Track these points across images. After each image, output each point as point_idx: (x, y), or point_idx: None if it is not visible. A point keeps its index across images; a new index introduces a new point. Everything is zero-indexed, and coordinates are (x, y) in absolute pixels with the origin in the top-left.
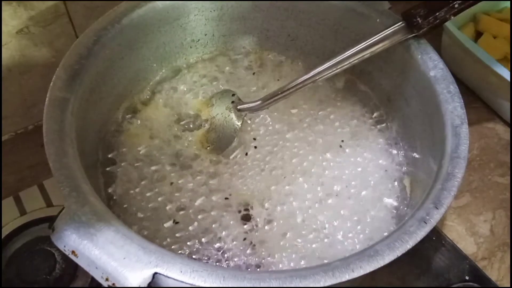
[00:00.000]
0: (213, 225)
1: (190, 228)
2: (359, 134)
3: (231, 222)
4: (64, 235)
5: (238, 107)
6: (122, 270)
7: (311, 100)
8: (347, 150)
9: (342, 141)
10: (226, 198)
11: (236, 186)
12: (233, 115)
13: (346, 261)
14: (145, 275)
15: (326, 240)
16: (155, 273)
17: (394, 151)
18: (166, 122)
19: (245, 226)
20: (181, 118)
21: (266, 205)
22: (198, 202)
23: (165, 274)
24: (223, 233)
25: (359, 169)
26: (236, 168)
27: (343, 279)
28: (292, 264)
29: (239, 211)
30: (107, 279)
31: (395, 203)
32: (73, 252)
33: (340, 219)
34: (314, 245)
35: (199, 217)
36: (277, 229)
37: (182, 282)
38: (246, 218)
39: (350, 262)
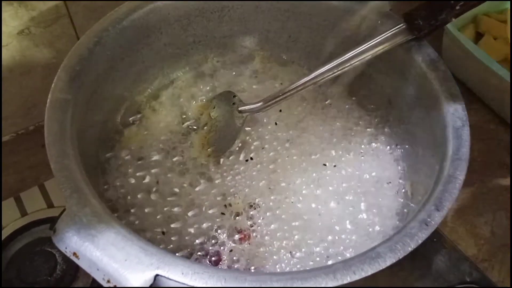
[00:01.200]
0: (204, 232)
1: (184, 235)
2: (359, 137)
3: (224, 231)
4: (66, 237)
5: (239, 109)
6: (124, 271)
7: (311, 103)
8: (347, 153)
9: (342, 143)
10: (224, 206)
11: (232, 192)
12: (234, 117)
13: (347, 263)
14: (146, 277)
15: (321, 251)
16: (157, 275)
17: (395, 154)
18: (166, 123)
19: (236, 236)
20: (182, 120)
21: (261, 213)
22: (192, 206)
23: (166, 276)
24: (214, 241)
25: (358, 172)
26: (233, 173)
27: (345, 281)
28: None
29: (233, 218)
30: (108, 281)
31: (397, 208)
32: (74, 254)
33: (338, 230)
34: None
35: (192, 223)
36: (269, 239)
37: (184, 284)
38: (238, 226)
39: (351, 264)
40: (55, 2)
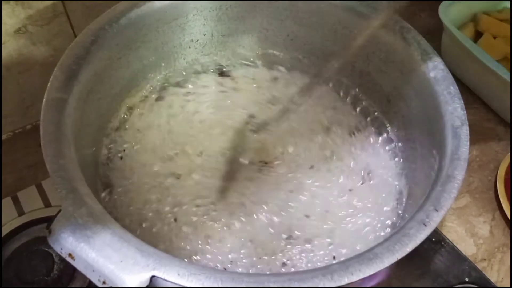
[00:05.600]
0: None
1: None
2: (357, 135)
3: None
4: (61, 238)
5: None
6: (119, 273)
7: (311, 104)
8: (345, 151)
9: (339, 144)
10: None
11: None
12: None
13: (345, 264)
14: (142, 278)
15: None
16: (153, 276)
17: (393, 152)
18: (166, 124)
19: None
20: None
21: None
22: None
23: (162, 277)
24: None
25: (354, 172)
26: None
27: (342, 283)
28: None
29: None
30: (104, 282)
31: (393, 208)
32: (70, 255)
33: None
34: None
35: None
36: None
37: (180, 285)
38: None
39: (349, 265)
40: (52, 1)
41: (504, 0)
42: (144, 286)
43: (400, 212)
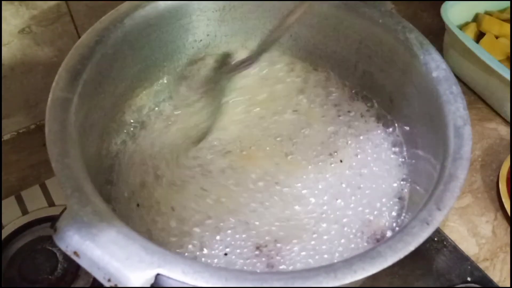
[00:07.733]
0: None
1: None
2: (360, 135)
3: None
4: (66, 236)
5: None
6: (124, 270)
7: (312, 103)
8: (346, 151)
9: (342, 141)
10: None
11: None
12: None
13: (348, 262)
14: (147, 276)
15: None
16: (158, 274)
17: (396, 152)
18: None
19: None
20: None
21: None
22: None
23: (167, 275)
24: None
25: (356, 171)
26: None
27: (346, 281)
28: None
29: None
30: (109, 280)
31: (396, 207)
32: (75, 252)
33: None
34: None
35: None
36: None
37: (184, 283)
38: None
39: (352, 263)
40: (56, 1)
41: (506, 0)
42: (149, 284)
43: (402, 211)
